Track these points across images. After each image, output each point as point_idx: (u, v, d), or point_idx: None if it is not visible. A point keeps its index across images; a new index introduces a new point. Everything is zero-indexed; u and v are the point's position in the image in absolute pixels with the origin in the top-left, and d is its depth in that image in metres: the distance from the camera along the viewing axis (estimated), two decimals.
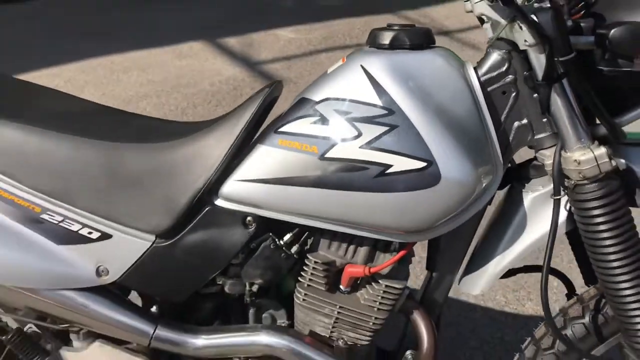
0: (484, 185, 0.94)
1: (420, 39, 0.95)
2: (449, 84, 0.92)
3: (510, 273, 1.09)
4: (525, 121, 0.96)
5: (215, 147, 0.98)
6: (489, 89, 0.95)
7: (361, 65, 0.93)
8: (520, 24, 0.87)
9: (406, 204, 0.92)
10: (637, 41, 0.85)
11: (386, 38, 0.94)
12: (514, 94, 0.95)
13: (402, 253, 1.00)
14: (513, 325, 1.85)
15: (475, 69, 0.95)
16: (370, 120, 0.91)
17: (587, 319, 1.04)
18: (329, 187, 0.93)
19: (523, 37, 0.88)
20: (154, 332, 1.04)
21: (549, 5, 0.86)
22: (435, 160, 0.89)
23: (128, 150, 1.01)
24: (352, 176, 0.92)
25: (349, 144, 0.91)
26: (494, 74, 0.94)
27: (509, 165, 1.03)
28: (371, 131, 0.91)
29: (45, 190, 1.01)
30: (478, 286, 1.05)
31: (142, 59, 3.92)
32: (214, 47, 4.13)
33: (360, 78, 0.92)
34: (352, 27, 4.55)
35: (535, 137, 0.96)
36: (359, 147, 0.91)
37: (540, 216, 0.99)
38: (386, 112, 0.91)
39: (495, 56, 0.94)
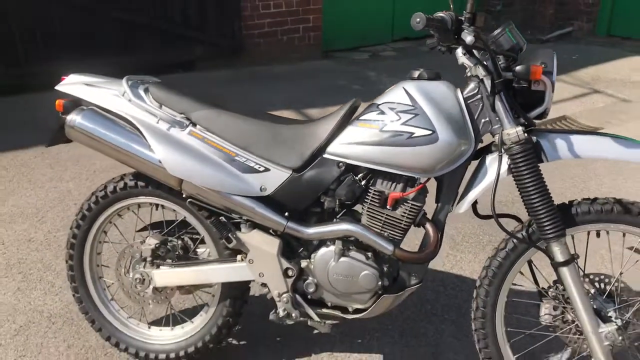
0: (462, 149, 1.84)
1: (433, 75, 1.89)
2: (447, 97, 1.85)
3: (488, 217, 1.98)
4: (487, 119, 1.86)
5: (325, 127, 1.93)
6: (468, 101, 1.87)
7: (402, 87, 1.88)
8: (479, 66, 1.80)
9: (422, 153, 1.83)
10: (527, 74, 1.76)
11: (415, 74, 1.90)
12: (481, 104, 1.86)
13: (420, 186, 1.90)
14: None
15: (461, 90, 1.87)
16: (405, 112, 1.84)
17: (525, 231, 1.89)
18: (385, 145, 1.85)
19: (481, 72, 1.81)
20: (286, 224, 1.96)
21: (488, 56, 1.79)
22: (436, 130, 1.81)
23: (280, 126, 1.98)
24: (395, 139, 1.84)
25: (394, 122, 1.84)
26: (471, 93, 1.86)
27: (482, 142, 1.92)
28: (405, 117, 1.84)
29: (238, 144, 1.98)
30: (462, 208, 1.92)
31: None
32: (300, 115, 5.22)
33: (402, 93, 1.87)
34: None
35: (492, 127, 1.86)
36: (400, 124, 1.84)
37: (493, 168, 1.87)
38: (413, 107, 1.84)
39: (471, 84, 1.86)
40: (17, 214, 3.56)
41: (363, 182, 1.95)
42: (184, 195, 2.03)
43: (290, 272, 2.02)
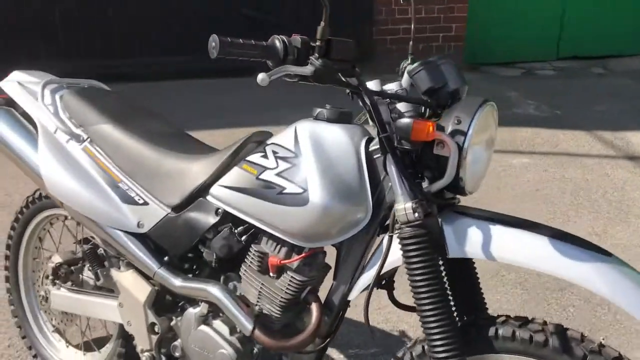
0: (351, 217, 1.37)
1: (335, 117, 1.44)
2: (343, 148, 1.39)
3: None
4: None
5: (211, 165, 1.58)
6: (375, 157, 1.39)
7: (295, 126, 1.46)
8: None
9: (290, 215, 1.40)
10: (407, 132, 1.24)
11: (315, 112, 1.46)
12: None
13: (302, 256, 1.47)
14: None
15: (367, 143, 1.40)
16: (284, 159, 1.43)
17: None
18: (258, 197, 1.46)
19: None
20: (156, 269, 1.65)
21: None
22: (308, 189, 1.37)
23: (167, 156, 1.67)
24: (266, 192, 1.43)
25: (270, 171, 1.44)
26: (377, 147, 1.38)
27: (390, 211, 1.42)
28: (282, 165, 1.42)
29: (124, 169, 1.71)
30: (352, 295, 1.45)
31: None
32: None
33: (291, 133, 1.45)
34: (536, 135, 4.79)
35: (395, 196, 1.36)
36: (275, 174, 1.43)
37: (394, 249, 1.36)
38: (294, 155, 1.41)
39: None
40: None
41: (244, 238, 1.57)
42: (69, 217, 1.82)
43: (156, 328, 1.70)
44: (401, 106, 1.33)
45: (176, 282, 1.63)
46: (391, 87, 1.39)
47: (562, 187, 3.91)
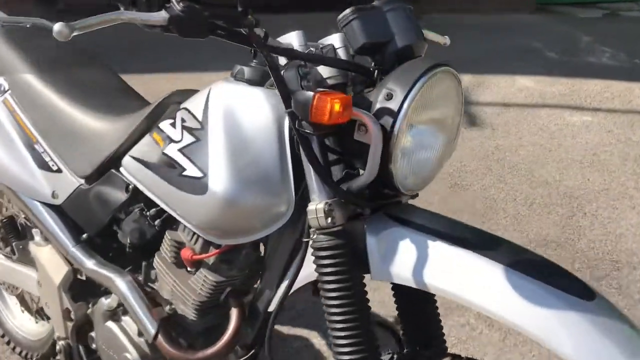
0: (267, 212, 1.05)
1: (258, 77, 1.09)
2: (260, 122, 1.05)
3: None
4: None
5: (125, 130, 1.29)
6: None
7: (210, 87, 1.13)
8: None
9: (190, 204, 1.10)
10: (305, 111, 0.88)
11: (234, 70, 1.12)
12: None
13: (216, 252, 1.17)
14: None
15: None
16: (190, 130, 1.11)
17: None
18: (161, 176, 1.16)
19: None
20: (69, 248, 1.40)
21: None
22: (208, 174, 1.05)
23: (86, 116, 1.39)
24: (168, 171, 1.13)
25: (175, 145, 1.13)
26: None
27: None
28: (186, 139, 1.11)
29: (40, 128, 1.45)
30: (271, 305, 1.15)
31: None
32: None
33: (203, 97, 1.12)
34: (606, 89, 4.19)
35: None
36: (177, 150, 1.12)
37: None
38: (200, 127, 1.09)
39: None
40: None
41: (157, 222, 1.28)
42: None
43: (71, 315, 1.46)
44: (324, 71, 0.97)
45: (88, 265, 1.38)
46: (329, 41, 1.03)
47: (625, 153, 3.37)
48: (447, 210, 1.48)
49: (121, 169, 1.29)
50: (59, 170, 1.42)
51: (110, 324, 1.34)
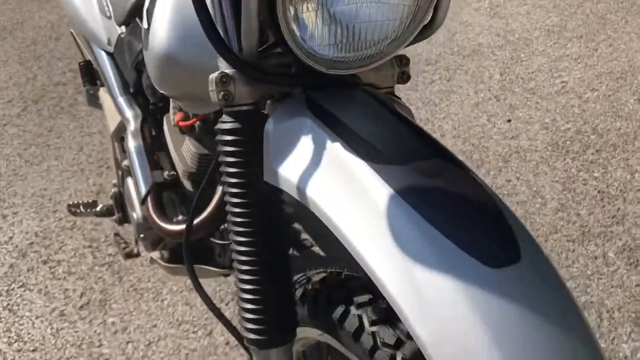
0: None
1: None
2: None
3: None
4: None
5: None
6: None
7: None
8: None
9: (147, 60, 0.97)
10: None
11: None
12: None
13: (194, 119, 1.05)
14: None
15: None
16: None
17: None
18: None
19: None
20: (118, 98, 1.39)
21: None
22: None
23: None
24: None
25: None
26: None
27: None
28: None
29: None
30: None
31: None
32: None
33: None
34: None
35: None
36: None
37: None
38: None
39: None
40: None
41: None
42: None
43: (120, 164, 1.47)
44: None
45: (126, 115, 1.35)
46: None
47: None
48: None
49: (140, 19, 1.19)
50: (110, 17, 1.38)
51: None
